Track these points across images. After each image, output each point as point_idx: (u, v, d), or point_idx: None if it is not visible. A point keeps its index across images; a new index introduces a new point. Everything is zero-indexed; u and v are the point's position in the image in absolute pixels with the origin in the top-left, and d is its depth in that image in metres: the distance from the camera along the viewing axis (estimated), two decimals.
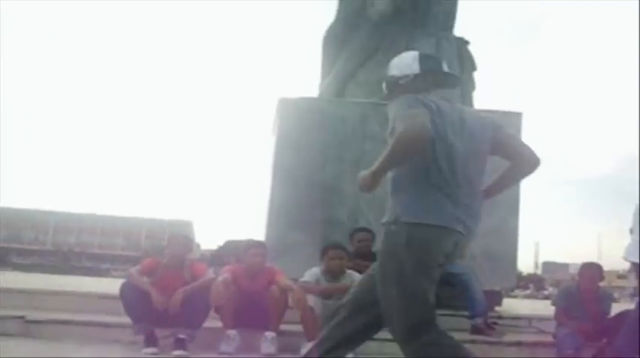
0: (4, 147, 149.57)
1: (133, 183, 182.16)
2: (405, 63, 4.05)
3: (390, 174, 3.72)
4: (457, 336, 6.80)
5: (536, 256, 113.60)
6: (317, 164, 9.19)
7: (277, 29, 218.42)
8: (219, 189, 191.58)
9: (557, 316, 6.89)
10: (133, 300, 6.30)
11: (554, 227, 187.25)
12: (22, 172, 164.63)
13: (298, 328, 6.50)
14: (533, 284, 73.33)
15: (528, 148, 4.04)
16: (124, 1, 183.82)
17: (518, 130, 9.54)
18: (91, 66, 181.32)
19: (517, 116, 9.65)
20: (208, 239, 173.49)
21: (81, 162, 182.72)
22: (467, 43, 10.62)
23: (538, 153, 4.00)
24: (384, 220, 3.77)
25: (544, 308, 8.79)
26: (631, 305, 12.69)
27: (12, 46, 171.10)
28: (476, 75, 10.66)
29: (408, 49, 5.96)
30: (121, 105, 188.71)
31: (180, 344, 6.07)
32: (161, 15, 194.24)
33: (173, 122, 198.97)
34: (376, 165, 3.60)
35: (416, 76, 3.97)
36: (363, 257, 7.39)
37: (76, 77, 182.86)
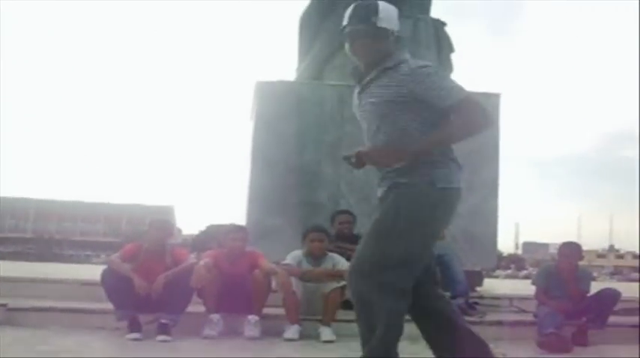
0: None
1: (113, 168, 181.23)
2: (393, 17, 3.88)
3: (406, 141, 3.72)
4: None
5: (517, 237, 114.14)
6: (296, 147, 9.21)
7: (256, 12, 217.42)
8: (201, 173, 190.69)
9: (537, 295, 6.95)
10: (115, 286, 6.31)
11: (533, 207, 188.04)
12: (1, 160, 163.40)
13: (280, 311, 6.55)
14: (514, 264, 73.73)
15: None
16: None
17: (497, 111, 9.61)
18: (73, 54, 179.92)
19: (495, 97, 9.71)
20: (190, 224, 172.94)
21: (60, 148, 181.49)
22: (444, 24, 10.63)
23: None
24: (403, 180, 3.71)
25: (524, 287, 8.87)
26: (610, 284, 12.81)
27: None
28: (453, 56, 10.68)
29: None
30: (99, 92, 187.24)
31: (163, 329, 6.09)
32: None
33: (153, 107, 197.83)
34: (434, 139, 3.68)
35: (396, 35, 3.88)
36: (344, 239, 7.44)
37: (57, 66, 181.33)
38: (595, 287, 7.15)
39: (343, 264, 6.68)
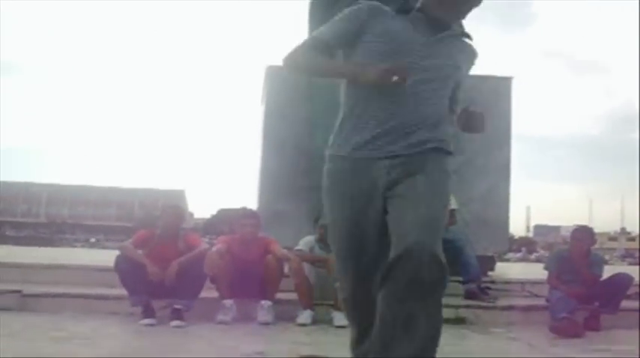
0: None
1: (125, 153, 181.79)
2: None
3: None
4: (451, 301, 6.96)
5: (528, 220, 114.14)
6: (306, 131, 9.16)
7: None
8: (212, 157, 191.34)
9: (549, 280, 6.94)
10: (128, 273, 6.33)
11: (545, 190, 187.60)
12: (14, 144, 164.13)
13: (293, 296, 6.58)
14: (525, 247, 73.62)
15: None
16: None
17: (509, 94, 9.57)
18: (83, 34, 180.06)
19: (507, 80, 9.68)
20: (201, 208, 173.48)
21: (72, 133, 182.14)
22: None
23: None
24: (437, 145, 3.12)
25: (536, 272, 8.86)
26: (621, 267, 12.79)
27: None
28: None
29: None
30: (110, 76, 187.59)
31: (177, 314, 6.13)
32: None
33: (165, 91, 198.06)
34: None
35: None
36: None
37: (68, 46, 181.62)
38: (606, 270, 7.13)
39: None
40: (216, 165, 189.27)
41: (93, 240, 71.23)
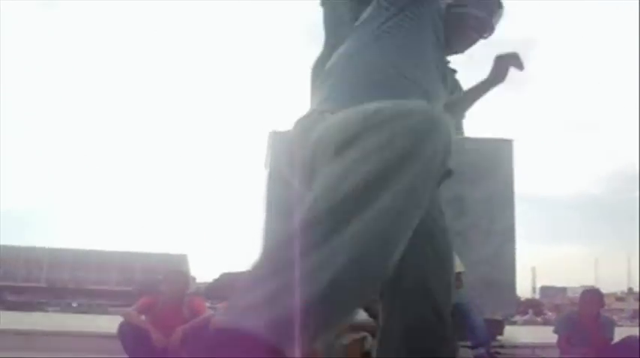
0: None
1: (126, 217, 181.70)
2: None
3: None
4: None
5: (534, 281, 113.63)
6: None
7: (270, 61, 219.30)
8: (213, 221, 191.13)
9: (559, 344, 6.87)
10: (132, 340, 6.24)
11: (550, 251, 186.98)
12: (14, 207, 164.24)
13: None
14: (531, 309, 73.13)
15: None
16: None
17: (510, 157, 9.58)
18: (79, 92, 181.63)
19: (508, 143, 9.70)
20: (203, 272, 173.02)
21: (72, 197, 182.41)
22: (454, 71, 10.65)
23: None
24: None
25: (545, 335, 8.76)
26: (630, 329, 12.65)
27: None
28: None
29: None
30: (111, 137, 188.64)
31: None
32: (147, 44, 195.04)
33: (166, 154, 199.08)
34: None
35: None
36: None
37: (63, 104, 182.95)
38: (616, 332, 7.05)
39: (361, 314, 6.58)
40: (219, 228, 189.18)
41: (75, 304, 70.71)
